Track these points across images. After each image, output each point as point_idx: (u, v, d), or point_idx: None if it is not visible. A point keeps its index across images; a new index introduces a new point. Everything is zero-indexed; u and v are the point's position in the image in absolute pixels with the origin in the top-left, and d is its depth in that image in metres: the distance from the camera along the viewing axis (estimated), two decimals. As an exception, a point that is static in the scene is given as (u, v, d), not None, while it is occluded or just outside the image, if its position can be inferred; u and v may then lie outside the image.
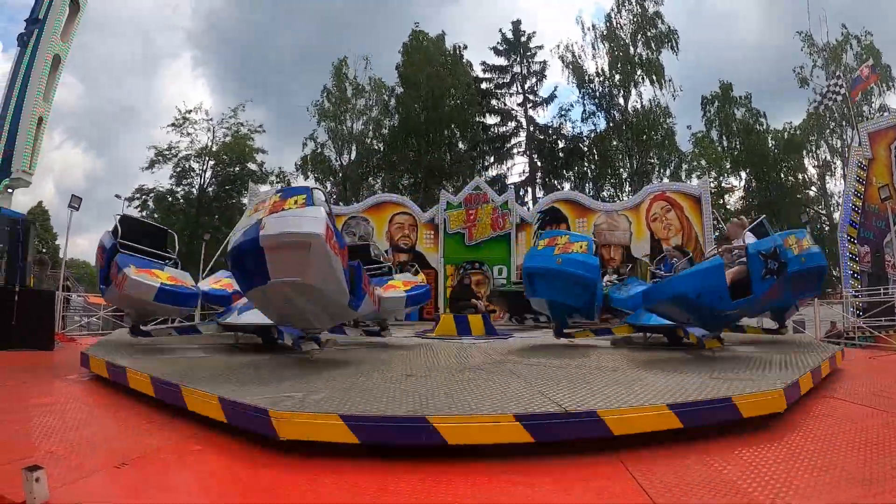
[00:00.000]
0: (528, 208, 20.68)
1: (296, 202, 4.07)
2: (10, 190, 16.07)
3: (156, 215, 33.05)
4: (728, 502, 2.19)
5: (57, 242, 36.79)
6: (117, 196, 33.31)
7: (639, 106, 32.64)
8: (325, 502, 2.32)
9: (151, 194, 34.15)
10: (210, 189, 35.00)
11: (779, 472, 2.47)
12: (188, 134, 34.51)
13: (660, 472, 2.51)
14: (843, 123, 29.43)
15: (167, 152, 34.05)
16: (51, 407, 3.81)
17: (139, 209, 34.03)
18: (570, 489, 2.46)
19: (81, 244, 69.43)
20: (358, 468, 2.63)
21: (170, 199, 34.31)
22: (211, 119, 35.20)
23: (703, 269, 5.14)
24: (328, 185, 33.96)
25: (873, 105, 29.28)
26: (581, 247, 6.22)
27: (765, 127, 32.70)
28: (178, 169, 34.33)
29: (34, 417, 3.59)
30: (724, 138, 33.29)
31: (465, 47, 35.48)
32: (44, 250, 31.27)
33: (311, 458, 2.73)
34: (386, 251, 16.15)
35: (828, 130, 31.40)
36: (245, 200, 20.52)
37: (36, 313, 7.47)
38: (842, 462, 2.60)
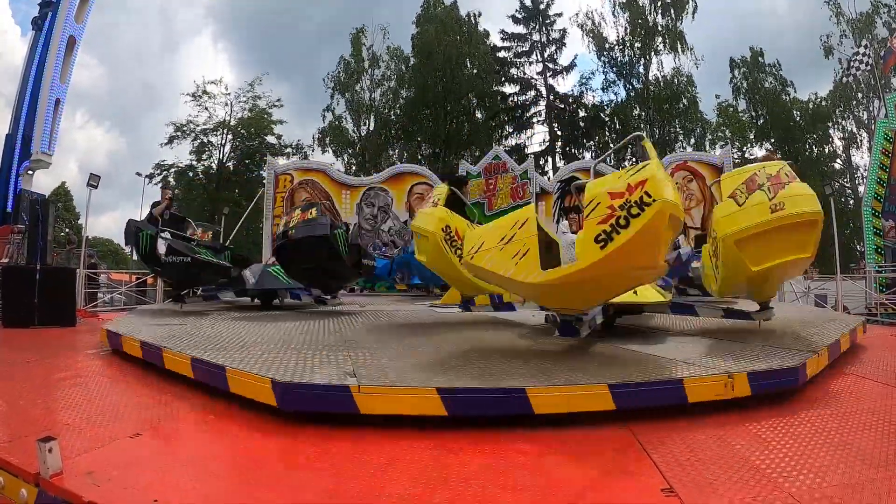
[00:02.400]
0: (549, 178, 20.44)
1: None
2: (30, 171, 16.32)
3: (177, 191, 33.31)
4: (741, 479, 2.15)
5: (80, 222, 37.40)
6: (138, 174, 33.76)
7: (660, 75, 31.95)
8: (335, 468, 2.33)
9: (172, 170, 34.42)
10: (230, 163, 35.16)
11: (794, 450, 2.42)
12: (206, 108, 34.60)
13: (673, 448, 2.47)
14: (871, 95, 28.41)
15: (185, 127, 34.22)
16: (70, 381, 3.88)
17: (160, 185, 34.37)
18: (581, 460, 2.44)
19: (105, 222, 70.35)
20: (366, 437, 2.64)
21: (190, 174, 34.53)
22: (229, 93, 35.24)
23: None
24: (346, 156, 33.92)
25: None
26: None
27: (792, 97, 31.77)
28: (197, 143, 34.51)
29: (53, 391, 3.67)
30: (751, 107, 32.44)
31: (480, 14, 35.01)
32: (67, 230, 31.82)
33: (320, 427, 2.76)
34: (405, 221, 15.94)
35: (854, 102, 30.40)
36: (264, 174, 20.44)
37: (58, 291, 7.57)
38: (859, 441, 2.53)
